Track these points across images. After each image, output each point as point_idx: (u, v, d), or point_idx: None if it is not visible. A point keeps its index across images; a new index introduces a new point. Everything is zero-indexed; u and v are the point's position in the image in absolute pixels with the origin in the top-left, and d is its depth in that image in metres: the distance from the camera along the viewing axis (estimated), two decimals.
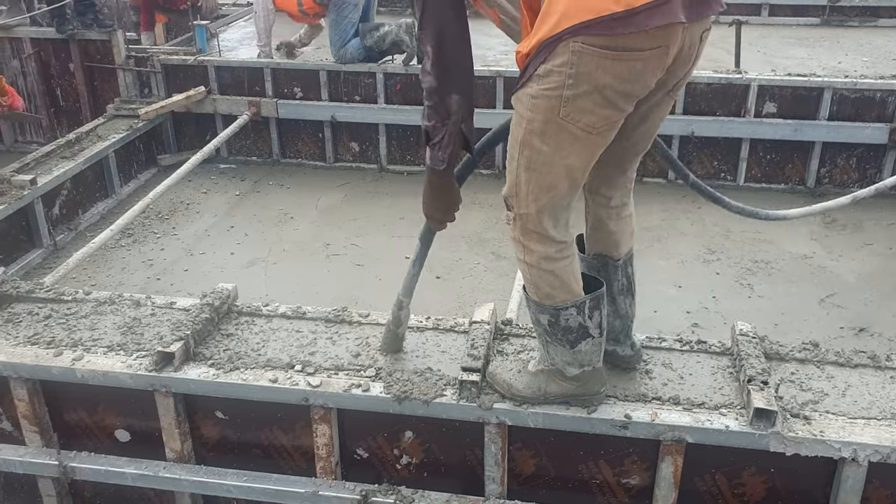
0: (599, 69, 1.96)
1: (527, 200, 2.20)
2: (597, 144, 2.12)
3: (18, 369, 2.77)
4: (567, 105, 2.02)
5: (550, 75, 2.00)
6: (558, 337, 2.37)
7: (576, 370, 2.43)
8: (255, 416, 2.77)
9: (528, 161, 2.14)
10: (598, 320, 2.36)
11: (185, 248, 5.24)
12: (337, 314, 3.01)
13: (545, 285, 2.30)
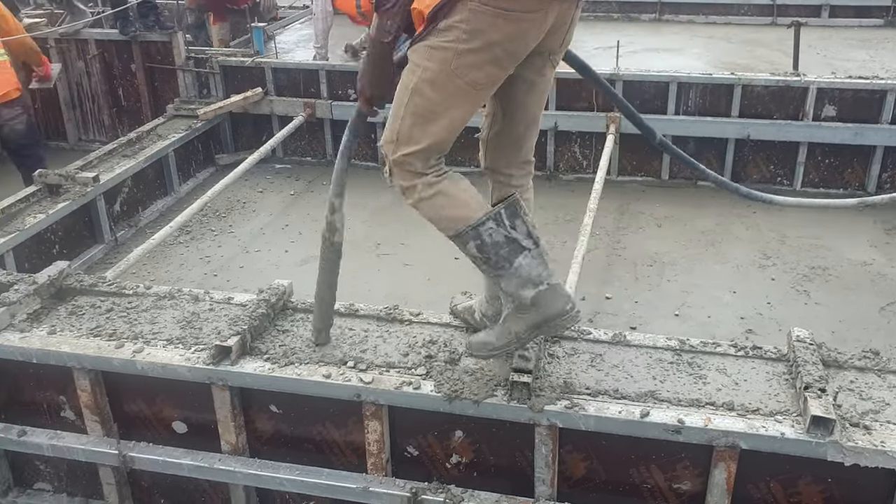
0: (492, 28, 2.15)
1: (407, 144, 2.31)
2: (479, 99, 2.30)
3: (82, 360, 2.86)
4: (459, 58, 2.19)
5: (449, 30, 2.18)
6: (494, 260, 2.38)
7: (530, 291, 2.40)
8: (308, 410, 2.81)
9: (415, 107, 2.28)
10: (524, 229, 2.38)
11: (241, 245, 5.35)
12: (388, 312, 3.04)
13: (441, 210, 2.38)
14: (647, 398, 2.56)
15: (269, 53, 6.92)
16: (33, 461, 3.21)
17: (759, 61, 7.03)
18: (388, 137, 2.36)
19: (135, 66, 7.02)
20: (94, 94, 7.22)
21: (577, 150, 6.38)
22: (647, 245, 5.32)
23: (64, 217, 4.75)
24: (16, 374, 3.03)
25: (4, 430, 3.04)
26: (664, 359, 2.75)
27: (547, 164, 6.39)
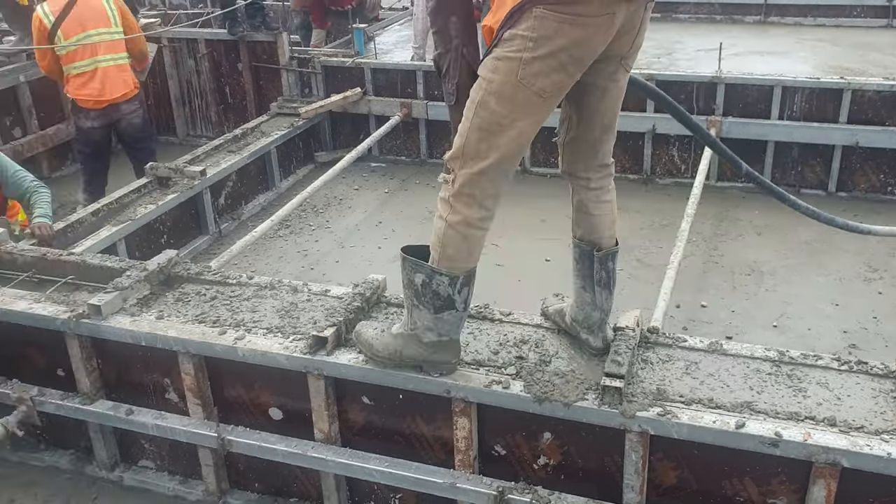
0: (558, 33, 2.14)
1: (474, 160, 2.31)
2: (546, 109, 2.27)
3: (187, 345, 3.00)
4: (525, 67, 2.18)
5: (514, 39, 2.17)
6: (426, 300, 2.50)
7: (433, 337, 2.57)
8: (398, 404, 2.86)
9: (482, 121, 2.28)
10: (465, 296, 2.52)
11: (337, 240, 5.48)
12: (479, 310, 3.06)
13: (449, 247, 2.43)
14: (743, 409, 2.49)
15: (369, 54, 7.05)
16: (139, 439, 3.38)
17: (871, 66, 6.71)
18: (455, 154, 2.36)
19: (241, 65, 7.28)
20: (203, 91, 7.52)
21: (675, 154, 6.25)
22: (746, 253, 5.16)
23: (172, 208, 4.97)
24: (126, 355, 3.20)
25: (113, 409, 3.22)
26: (762, 370, 2.68)
27: (643, 167, 6.28)
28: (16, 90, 6.51)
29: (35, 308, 3.18)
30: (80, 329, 3.11)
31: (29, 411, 3.29)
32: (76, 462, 3.48)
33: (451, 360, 2.66)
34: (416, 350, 2.63)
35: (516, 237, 5.42)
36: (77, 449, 3.52)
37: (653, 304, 3.88)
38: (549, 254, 5.16)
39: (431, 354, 2.62)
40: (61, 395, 3.29)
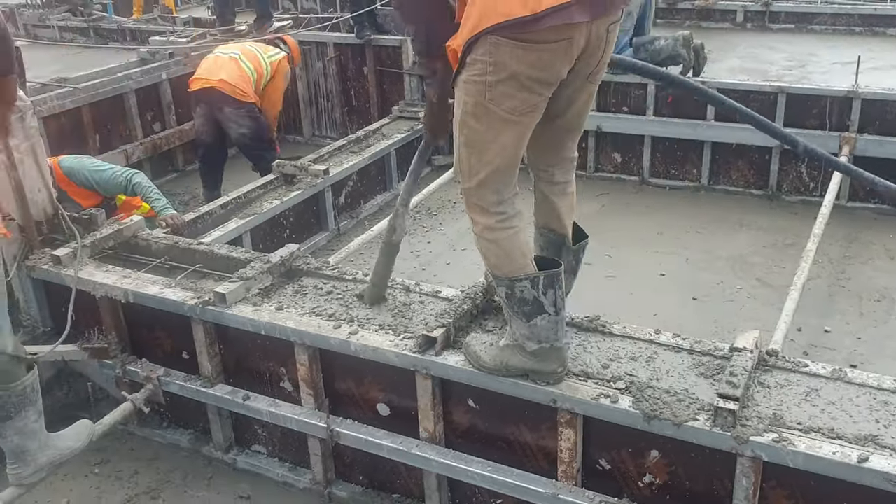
0: (513, 59, 2.22)
1: (469, 175, 2.45)
2: (523, 125, 2.36)
3: (303, 336, 3.11)
4: (491, 90, 2.27)
5: (475, 64, 2.27)
6: (515, 309, 2.55)
7: (534, 345, 2.59)
8: (503, 409, 2.87)
9: (466, 139, 2.41)
10: (552, 298, 2.53)
11: (449, 243, 5.54)
12: (590, 321, 3.03)
13: (491, 255, 2.53)
14: (866, 442, 2.36)
15: None
16: (253, 425, 3.53)
17: None
18: (455, 169, 2.53)
19: (367, 69, 7.47)
20: (329, 93, 7.76)
21: (803, 171, 5.98)
22: (876, 278, 4.88)
23: (296, 204, 5.17)
24: (245, 343, 3.35)
25: (231, 394, 3.38)
26: (891, 402, 2.52)
27: (769, 183, 6.04)
28: (158, 87, 6.93)
29: (166, 293, 3.37)
30: (205, 315, 3.28)
31: (155, 390, 3.51)
32: (194, 441, 3.67)
33: (556, 370, 2.65)
34: (520, 360, 2.65)
35: (630, 249, 5.32)
36: (196, 429, 3.71)
37: (772, 325, 3.73)
38: (664, 268, 5.04)
39: (536, 364, 2.64)
40: (185, 376, 3.49)
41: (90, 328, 3.69)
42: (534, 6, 2.14)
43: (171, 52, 7.07)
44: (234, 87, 5.60)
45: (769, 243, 5.31)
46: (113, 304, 3.55)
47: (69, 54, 9.01)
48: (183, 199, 6.51)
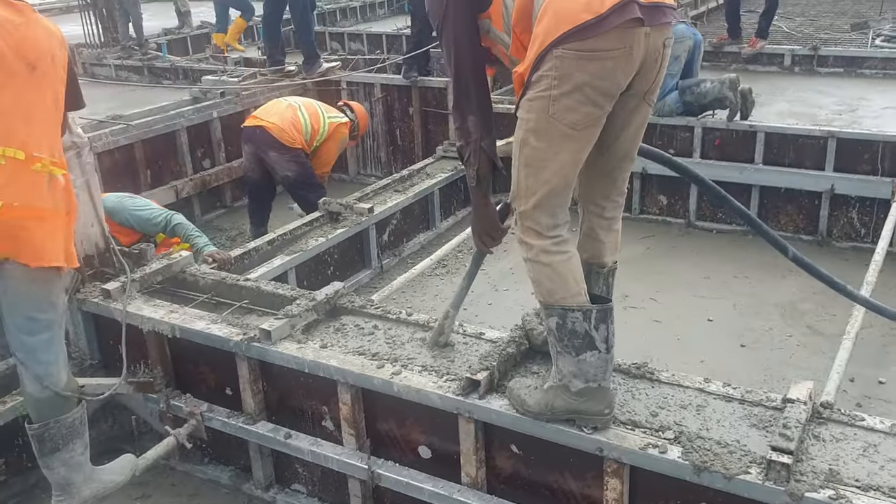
0: (578, 69, 2.29)
1: (526, 196, 2.48)
2: (583, 141, 2.41)
3: (346, 375, 3.10)
4: (555, 103, 2.33)
5: (541, 80, 2.34)
6: (565, 342, 2.53)
7: (580, 384, 2.56)
8: (548, 456, 2.82)
9: (526, 158, 2.46)
10: (604, 334, 2.53)
11: (491, 283, 5.51)
12: (638, 368, 2.97)
13: (545, 279, 2.52)
14: None
15: None
16: (294, 463, 3.52)
17: None
18: (513, 193, 2.55)
19: (412, 109, 7.56)
20: (375, 132, 7.86)
21: (854, 217, 5.86)
22: None
23: (340, 242, 5.21)
24: (289, 380, 3.36)
25: (273, 432, 3.37)
26: None
27: (819, 228, 5.93)
28: (209, 125, 7.09)
29: (212, 328, 3.40)
30: (250, 352, 3.29)
31: (198, 425, 3.52)
32: (235, 478, 3.67)
33: (602, 411, 2.60)
34: (565, 401, 2.61)
35: (677, 293, 5.24)
36: (237, 466, 3.71)
37: (823, 374, 3.63)
38: (711, 313, 4.95)
39: (582, 404, 2.59)
40: (228, 413, 3.50)
41: (136, 362, 3.73)
42: (598, 8, 2.25)
43: (223, 92, 7.24)
44: (282, 130, 5.68)
45: (819, 290, 5.16)
46: (159, 339, 3.59)
47: (124, 92, 9.28)
48: (230, 235, 6.61)
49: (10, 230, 2.63)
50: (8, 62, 2.61)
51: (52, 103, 2.77)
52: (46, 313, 2.82)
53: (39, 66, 2.70)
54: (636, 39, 2.31)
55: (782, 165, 5.99)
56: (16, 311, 2.78)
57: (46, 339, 2.83)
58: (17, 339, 2.81)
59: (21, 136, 2.64)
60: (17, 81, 2.64)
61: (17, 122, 2.64)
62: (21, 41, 2.65)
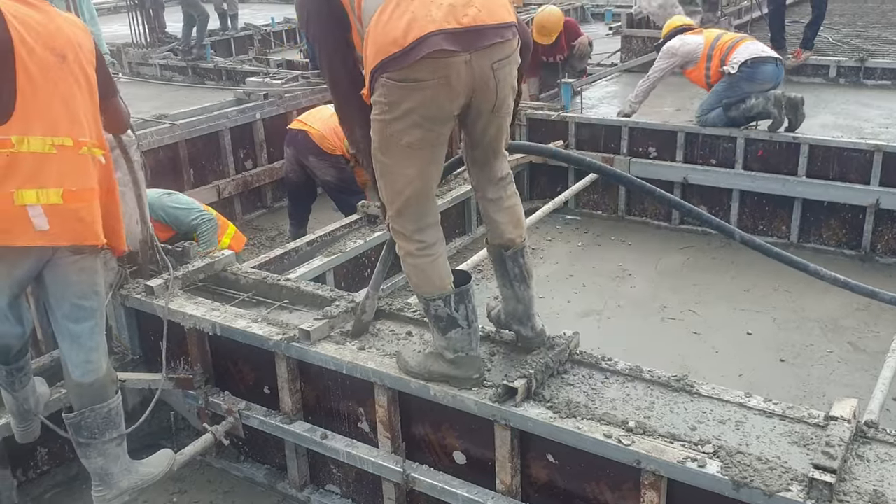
0: (402, 98, 2.48)
1: (389, 204, 2.74)
2: (424, 158, 2.62)
3: (383, 378, 3.11)
4: (389, 126, 2.56)
5: (376, 104, 2.56)
6: (433, 324, 2.85)
7: (451, 354, 2.87)
8: (583, 466, 2.80)
9: (379, 171, 2.71)
10: (464, 313, 2.82)
11: None
12: (678, 380, 2.94)
13: (413, 277, 2.82)
14: None
15: (575, 108, 7.10)
16: (329, 464, 3.54)
17: None
18: (381, 203, 2.82)
19: None
20: None
21: None
22: None
23: (378, 244, 5.22)
24: (326, 380, 3.38)
25: (310, 432, 3.40)
26: None
27: (862, 243, 5.82)
28: (251, 126, 7.18)
29: (252, 327, 3.44)
30: (289, 351, 3.32)
31: (235, 423, 3.57)
32: (270, 477, 3.70)
33: (472, 375, 2.90)
34: (441, 367, 2.92)
35: (715, 305, 5.19)
36: (272, 464, 3.75)
37: (865, 392, 3.58)
38: (751, 326, 4.90)
39: (454, 370, 2.89)
40: (265, 411, 3.53)
41: (176, 358, 3.79)
42: (402, 42, 2.41)
43: (266, 94, 7.33)
44: (324, 136, 5.72)
45: (862, 306, 5.09)
46: (200, 336, 3.65)
47: (168, 91, 9.44)
48: (270, 235, 6.68)
49: (74, 213, 2.76)
50: (39, 56, 2.70)
51: (86, 88, 2.87)
52: (91, 301, 2.91)
53: (68, 54, 2.79)
54: (452, 69, 2.44)
55: (826, 178, 5.90)
56: (63, 299, 2.87)
57: (90, 327, 2.92)
58: (62, 326, 2.90)
59: (65, 124, 2.76)
60: (51, 73, 2.73)
61: (59, 111, 2.75)
62: (46, 35, 2.74)
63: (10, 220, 2.66)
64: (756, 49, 6.14)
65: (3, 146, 2.64)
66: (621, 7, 14.74)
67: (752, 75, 6.03)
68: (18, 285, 2.84)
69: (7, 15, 2.64)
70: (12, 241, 2.69)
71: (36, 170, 2.69)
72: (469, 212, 6.31)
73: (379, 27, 2.46)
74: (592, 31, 12.46)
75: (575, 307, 5.27)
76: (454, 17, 2.43)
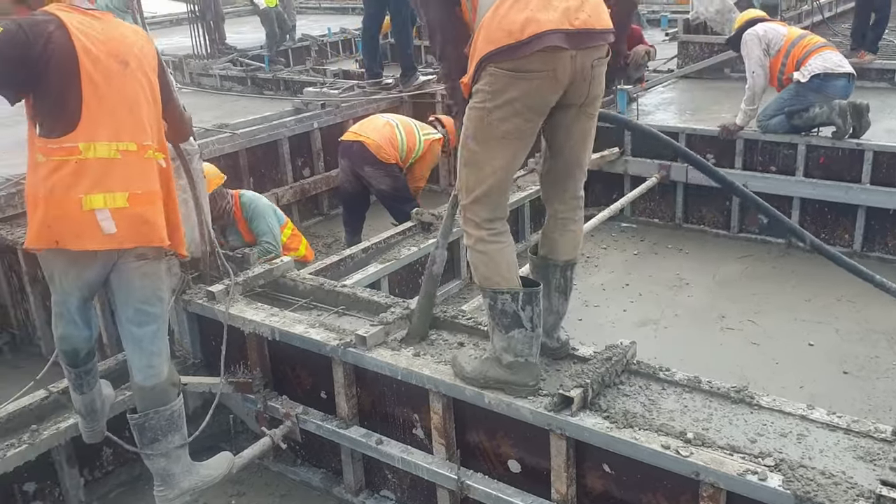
0: (508, 86, 2.61)
1: (466, 192, 2.82)
2: (514, 148, 2.74)
3: (438, 385, 3.13)
4: (489, 115, 2.67)
5: (479, 93, 2.68)
6: (496, 320, 2.85)
7: (510, 357, 2.88)
8: (640, 477, 2.77)
9: (466, 159, 2.80)
10: (530, 314, 2.83)
11: (582, 298, 5.47)
12: (738, 392, 2.89)
13: (481, 266, 2.84)
14: None
15: (631, 115, 7.04)
16: (384, 469, 3.57)
17: None
18: (457, 187, 2.91)
19: None
20: None
21: None
22: None
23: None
24: (382, 386, 3.42)
25: (366, 437, 3.44)
26: None
27: None
28: (309, 135, 7.30)
29: (310, 332, 3.50)
30: (346, 356, 3.37)
31: (293, 427, 3.62)
32: (326, 481, 3.75)
33: (528, 383, 2.91)
34: (497, 372, 2.93)
35: (776, 315, 5.08)
36: (328, 469, 3.79)
37: None
38: (812, 337, 4.78)
39: (511, 376, 2.90)
40: (322, 416, 3.58)
41: (236, 362, 3.87)
42: (518, 35, 2.55)
43: (324, 104, 7.44)
44: (379, 146, 5.80)
45: None
46: (259, 341, 3.72)
47: (228, 101, 9.64)
48: (326, 242, 6.78)
49: (139, 216, 2.84)
50: (103, 63, 2.79)
51: (149, 94, 2.95)
52: (154, 306, 2.99)
53: (130, 61, 2.88)
54: (560, 62, 2.60)
55: (891, 186, 5.73)
56: (127, 304, 2.96)
57: (153, 332, 3.00)
58: (127, 329, 2.99)
59: (129, 129, 2.85)
60: (115, 80, 2.82)
61: (123, 116, 2.84)
62: (108, 42, 2.83)
63: (79, 224, 2.75)
64: (833, 62, 5.91)
65: (72, 153, 2.74)
66: (677, 13, 14.57)
67: (821, 87, 5.87)
68: (88, 289, 2.95)
69: (70, 27, 2.73)
70: (82, 245, 2.78)
71: (102, 175, 2.77)
72: (523, 219, 6.30)
73: (495, 20, 2.60)
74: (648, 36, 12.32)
75: (631, 316, 5.21)
76: (568, 19, 2.61)
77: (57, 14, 2.75)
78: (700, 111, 7.32)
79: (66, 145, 2.73)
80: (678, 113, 7.48)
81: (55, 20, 2.72)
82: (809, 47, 6.00)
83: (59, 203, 2.74)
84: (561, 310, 3.12)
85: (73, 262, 2.85)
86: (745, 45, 6.20)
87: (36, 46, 2.67)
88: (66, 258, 2.84)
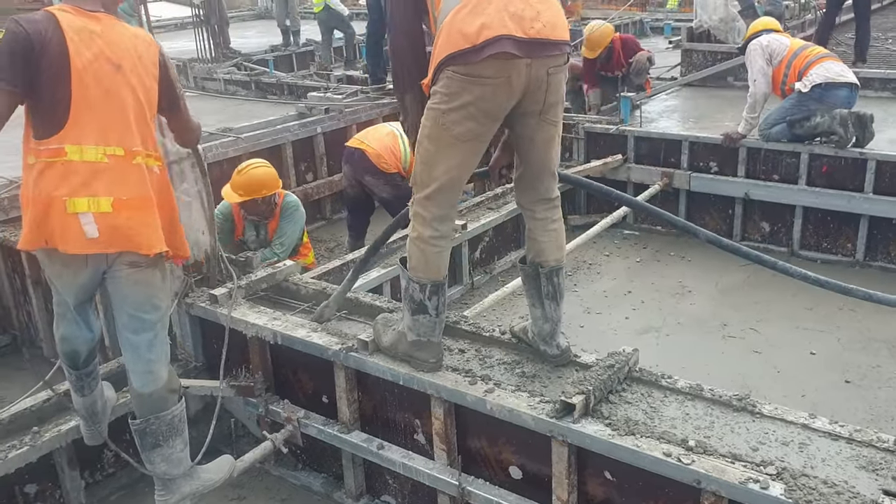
0: (463, 90, 2.71)
1: (420, 187, 2.94)
2: (466, 150, 2.84)
3: (440, 390, 3.13)
4: (444, 116, 2.77)
5: (436, 94, 2.79)
6: (407, 302, 3.08)
7: (413, 336, 3.12)
8: (642, 485, 2.77)
9: (420, 156, 2.91)
10: (435, 304, 3.05)
11: (584, 305, 5.47)
12: (739, 400, 2.89)
13: (413, 259, 3.01)
14: None
15: (634, 122, 7.05)
16: (384, 474, 3.57)
17: None
18: (411, 181, 2.99)
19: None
20: None
21: None
22: None
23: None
24: (383, 391, 3.42)
25: (367, 442, 3.43)
26: None
27: None
28: (312, 140, 7.31)
29: (312, 337, 3.50)
30: (348, 361, 3.37)
31: (294, 431, 3.62)
32: (326, 486, 3.75)
33: (429, 360, 3.13)
34: (404, 346, 3.16)
35: (778, 323, 5.08)
36: (329, 474, 3.79)
37: None
38: (814, 346, 4.78)
39: (415, 352, 3.13)
40: (323, 420, 3.58)
41: (238, 366, 3.87)
42: (473, 39, 2.64)
43: (327, 108, 7.46)
44: (380, 156, 5.80)
45: None
46: (262, 344, 3.72)
47: (232, 105, 9.67)
48: (329, 247, 6.78)
49: (123, 223, 2.80)
50: (95, 65, 2.76)
51: (143, 99, 2.90)
52: (149, 314, 2.96)
53: (124, 64, 2.83)
54: (514, 70, 2.68)
55: (894, 195, 5.74)
56: (121, 310, 2.95)
57: (149, 339, 2.97)
58: (123, 336, 2.98)
59: (116, 134, 2.80)
60: (105, 82, 2.78)
61: (112, 121, 2.80)
62: (103, 45, 2.79)
63: (62, 227, 2.73)
64: (835, 72, 5.92)
65: (59, 155, 2.71)
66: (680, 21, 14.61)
67: (822, 97, 5.88)
68: (83, 291, 2.93)
69: (65, 27, 2.72)
70: (66, 247, 2.76)
71: (89, 178, 2.74)
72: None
73: (455, 24, 2.69)
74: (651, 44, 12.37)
75: (633, 324, 5.21)
76: (522, 27, 2.68)
77: (54, 14, 2.74)
78: (703, 119, 7.33)
79: (54, 147, 2.71)
80: (681, 121, 7.50)
81: (52, 20, 2.72)
82: (811, 58, 6.02)
83: (46, 205, 2.72)
84: (555, 317, 3.16)
85: (66, 265, 2.84)
86: (749, 55, 6.24)
87: (36, 46, 2.67)
88: (59, 261, 2.84)
